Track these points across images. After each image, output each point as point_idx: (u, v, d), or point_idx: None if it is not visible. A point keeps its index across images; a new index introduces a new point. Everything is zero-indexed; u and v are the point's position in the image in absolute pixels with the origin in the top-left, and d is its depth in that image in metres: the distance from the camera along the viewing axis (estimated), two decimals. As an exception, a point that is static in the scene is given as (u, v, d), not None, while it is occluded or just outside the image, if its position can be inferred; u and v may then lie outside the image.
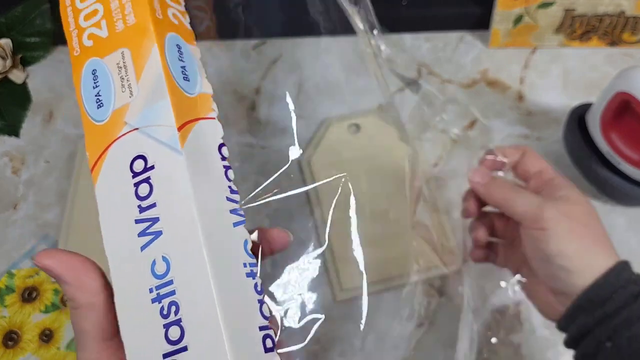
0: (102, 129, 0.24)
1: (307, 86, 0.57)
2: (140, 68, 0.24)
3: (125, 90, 0.24)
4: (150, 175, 0.23)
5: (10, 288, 0.48)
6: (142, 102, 0.24)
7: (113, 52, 0.25)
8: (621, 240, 0.47)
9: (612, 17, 0.55)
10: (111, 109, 0.24)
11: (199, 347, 0.21)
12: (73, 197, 0.50)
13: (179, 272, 0.22)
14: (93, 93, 0.25)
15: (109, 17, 0.25)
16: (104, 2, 0.26)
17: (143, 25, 0.25)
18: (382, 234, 0.48)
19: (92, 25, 0.26)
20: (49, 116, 0.57)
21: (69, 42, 0.27)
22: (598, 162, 0.47)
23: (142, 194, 0.23)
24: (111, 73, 0.25)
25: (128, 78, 0.24)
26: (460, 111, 0.54)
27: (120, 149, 0.24)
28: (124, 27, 0.25)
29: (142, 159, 0.24)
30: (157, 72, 0.24)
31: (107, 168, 0.24)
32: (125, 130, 0.24)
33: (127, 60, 0.25)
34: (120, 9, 0.25)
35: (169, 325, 0.22)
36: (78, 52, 0.26)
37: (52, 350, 0.45)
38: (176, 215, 0.23)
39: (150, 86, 0.24)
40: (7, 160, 0.54)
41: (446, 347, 0.43)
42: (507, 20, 0.56)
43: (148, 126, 0.24)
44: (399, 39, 0.60)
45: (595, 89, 0.55)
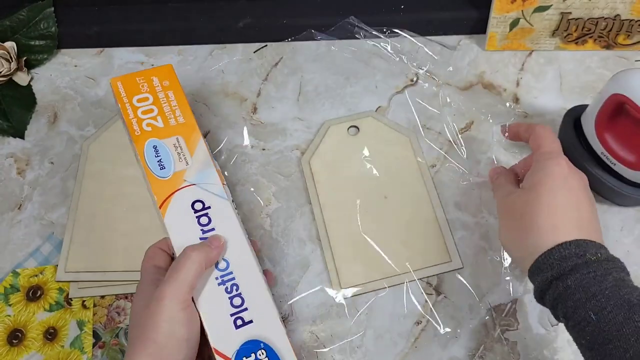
0: (165, 183, 0.41)
1: (307, 89, 0.58)
2: (192, 149, 0.43)
3: (182, 160, 0.42)
4: (208, 212, 0.41)
5: (15, 287, 0.48)
6: (196, 168, 0.42)
7: (170, 137, 0.43)
8: (616, 240, 0.48)
9: (608, 20, 0.55)
10: (172, 171, 0.42)
11: (255, 307, 0.38)
12: (77, 197, 0.51)
13: (236, 266, 0.39)
14: (156, 160, 0.42)
15: (163, 115, 0.44)
16: (157, 106, 0.44)
17: (191, 124, 0.44)
18: (381, 233, 0.48)
19: (150, 118, 0.44)
20: (54, 118, 0.57)
21: (129, 125, 0.43)
22: (593, 163, 0.48)
23: (203, 222, 0.40)
24: (169, 149, 0.42)
25: (183, 154, 0.42)
26: (457, 113, 0.55)
27: (183, 196, 0.41)
28: (176, 123, 0.44)
29: (200, 202, 0.41)
30: (204, 152, 0.43)
31: (173, 206, 0.41)
32: (185, 185, 0.41)
33: (181, 143, 0.43)
34: (171, 112, 0.44)
35: (232, 297, 0.38)
36: (139, 133, 0.43)
37: (56, 348, 0.46)
38: (229, 233, 0.40)
39: (201, 160, 0.42)
40: (12, 161, 0.55)
41: (443, 344, 0.44)
42: (503, 23, 0.56)
43: (203, 183, 0.41)
44: (397, 42, 0.61)
45: (591, 91, 0.56)
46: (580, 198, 0.39)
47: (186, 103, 0.45)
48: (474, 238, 0.48)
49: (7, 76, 0.59)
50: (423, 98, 0.56)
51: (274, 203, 0.51)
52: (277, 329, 0.38)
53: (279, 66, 0.60)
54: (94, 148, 0.54)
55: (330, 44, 0.61)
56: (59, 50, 0.62)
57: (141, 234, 0.48)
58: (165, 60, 0.61)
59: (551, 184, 0.39)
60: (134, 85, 0.46)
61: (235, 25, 0.60)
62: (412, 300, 0.46)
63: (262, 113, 0.57)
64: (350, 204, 0.50)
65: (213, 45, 0.62)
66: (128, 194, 0.51)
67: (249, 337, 0.38)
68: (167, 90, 0.45)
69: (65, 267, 0.47)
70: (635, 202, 0.48)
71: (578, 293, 0.34)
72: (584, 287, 0.34)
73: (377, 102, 0.56)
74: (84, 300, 0.47)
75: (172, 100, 0.45)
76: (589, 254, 0.36)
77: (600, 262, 0.35)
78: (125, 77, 0.46)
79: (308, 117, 0.56)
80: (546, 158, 0.41)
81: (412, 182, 0.51)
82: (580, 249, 0.36)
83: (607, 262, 0.35)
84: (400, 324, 0.45)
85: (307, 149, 0.53)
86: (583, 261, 0.35)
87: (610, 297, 0.33)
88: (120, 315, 0.46)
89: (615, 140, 0.46)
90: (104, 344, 0.45)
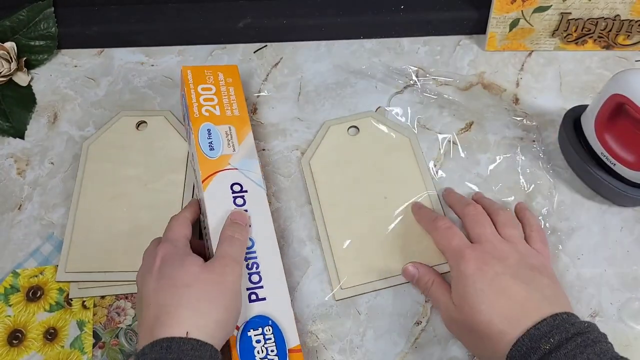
0: (212, 162, 0.46)
1: (307, 89, 0.58)
2: (241, 139, 0.48)
3: (230, 146, 0.47)
4: (244, 195, 0.45)
5: (15, 287, 0.48)
6: (241, 155, 0.47)
7: (223, 125, 0.48)
8: (616, 240, 0.48)
9: (607, 20, 0.55)
10: (220, 153, 0.47)
11: (270, 287, 0.42)
12: (77, 197, 0.50)
13: (260, 247, 0.43)
14: (207, 141, 0.47)
15: (222, 105, 0.50)
16: (218, 97, 0.50)
17: (244, 118, 0.50)
18: (381, 234, 0.48)
19: (209, 106, 0.49)
20: (54, 118, 0.57)
21: (190, 108, 0.49)
22: (593, 163, 0.48)
23: (238, 203, 0.45)
24: (221, 134, 0.48)
25: (232, 141, 0.48)
26: (457, 114, 0.55)
27: (225, 176, 0.46)
28: (232, 114, 0.49)
29: (239, 185, 0.46)
30: (251, 144, 0.48)
31: (214, 185, 0.45)
32: (229, 167, 0.46)
33: (232, 132, 0.48)
34: (229, 104, 0.50)
35: (251, 274, 0.42)
36: (197, 116, 0.48)
37: (57, 348, 0.46)
38: (259, 216, 0.45)
39: (247, 149, 0.48)
40: (12, 161, 0.55)
41: (443, 344, 0.44)
42: (503, 24, 0.56)
43: (245, 170, 0.46)
44: (396, 43, 0.61)
45: (590, 92, 0.56)
46: (502, 283, 0.38)
47: (243, 100, 0.50)
48: (474, 238, 0.48)
49: (7, 76, 0.59)
50: (423, 98, 0.56)
51: (274, 203, 0.51)
52: (287, 311, 0.42)
53: (279, 66, 0.60)
54: (94, 148, 0.54)
55: (330, 44, 0.61)
56: (59, 50, 0.62)
57: (141, 234, 0.48)
58: (165, 60, 0.61)
59: (471, 288, 0.38)
60: (201, 75, 0.51)
61: (235, 25, 0.60)
62: (412, 300, 0.46)
63: (262, 113, 0.57)
64: (350, 204, 0.50)
65: (213, 46, 0.62)
66: (128, 194, 0.51)
67: (260, 312, 0.41)
68: (229, 86, 0.51)
69: (65, 268, 0.47)
70: (635, 202, 0.48)
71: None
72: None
73: (377, 102, 0.56)
74: (84, 301, 0.47)
75: (232, 95, 0.50)
76: (543, 343, 0.34)
77: (563, 346, 0.34)
78: (195, 68, 0.51)
79: (308, 117, 0.56)
80: (454, 260, 0.41)
81: (412, 182, 0.51)
82: (533, 342, 0.35)
83: (572, 340, 0.34)
84: (400, 324, 0.45)
85: (307, 149, 0.53)
86: (548, 350, 0.34)
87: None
88: (121, 316, 0.46)
89: (615, 140, 0.46)
90: (104, 344, 0.45)
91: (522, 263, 0.40)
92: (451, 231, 0.43)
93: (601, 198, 0.49)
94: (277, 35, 0.61)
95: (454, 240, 0.42)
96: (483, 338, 0.37)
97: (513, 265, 0.39)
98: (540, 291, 0.38)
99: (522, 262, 0.40)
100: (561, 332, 0.35)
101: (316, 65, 0.60)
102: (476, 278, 0.38)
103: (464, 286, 0.39)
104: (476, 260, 0.39)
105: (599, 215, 0.49)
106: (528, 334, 0.35)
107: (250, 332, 0.40)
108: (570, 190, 0.50)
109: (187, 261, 0.39)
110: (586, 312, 0.45)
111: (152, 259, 0.40)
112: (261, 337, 0.40)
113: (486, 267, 0.39)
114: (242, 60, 0.60)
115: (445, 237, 0.42)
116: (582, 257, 0.47)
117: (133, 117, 0.56)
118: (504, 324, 0.36)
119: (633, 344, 0.43)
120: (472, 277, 0.39)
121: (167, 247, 0.40)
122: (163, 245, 0.40)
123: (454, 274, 0.40)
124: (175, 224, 0.43)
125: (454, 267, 0.41)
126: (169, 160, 0.52)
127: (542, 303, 0.37)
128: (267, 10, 0.61)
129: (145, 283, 0.39)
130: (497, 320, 0.37)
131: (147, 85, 0.59)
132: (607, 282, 0.46)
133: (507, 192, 0.50)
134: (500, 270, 0.39)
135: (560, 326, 0.35)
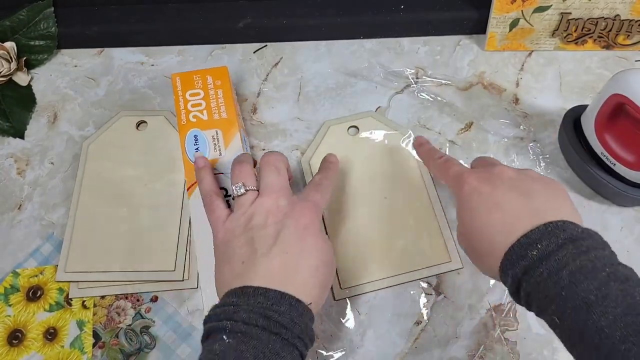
0: None
1: (307, 89, 0.58)
2: (228, 142, 0.48)
3: (216, 150, 0.48)
4: (229, 199, 0.45)
5: (15, 287, 0.48)
6: (227, 159, 0.47)
7: (210, 129, 0.49)
8: (616, 240, 0.48)
9: (607, 20, 0.55)
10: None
11: None
12: (77, 197, 0.50)
13: None
14: (194, 148, 0.48)
15: (209, 109, 0.50)
16: (206, 101, 0.50)
17: (231, 121, 0.50)
18: (381, 234, 0.48)
19: (197, 111, 0.50)
20: (54, 118, 0.57)
21: (178, 115, 0.50)
22: (593, 163, 0.48)
23: None
24: (208, 140, 0.48)
25: (219, 145, 0.48)
26: (457, 114, 0.55)
27: None
28: (219, 118, 0.50)
29: (224, 190, 0.45)
30: (238, 146, 0.48)
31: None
32: (214, 173, 0.45)
33: (219, 136, 0.49)
34: (217, 108, 0.50)
35: None
36: (185, 122, 0.49)
37: (56, 348, 0.46)
38: None
39: (234, 153, 0.47)
40: (12, 161, 0.55)
41: (443, 344, 0.44)
42: (503, 24, 0.56)
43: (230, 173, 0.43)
44: (396, 43, 0.61)
45: (590, 92, 0.56)
46: (497, 197, 0.36)
47: (231, 102, 0.51)
48: (473, 238, 0.48)
49: (7, 76, 0.59)
50: (423, 98, 0.57)
51: (274, 203, 0.51)
52: None
53: (279, 66, 0.60)
54: (94, 148, 0.54)
55: (330, 44, 0.61)
56: (59, 50, 0.62)
57: (141, 234, 0.48)
58: (165, 60, 0.61)
59: (467, 207, 0.38)
60: (190, 81, 0.52)
61: (235, 25, 0.60)
62: (412, 300, 0.46)
63: (262, 113, 0.57)
64: (350, 204, 0.50)
65: (213, 45, 0.62)
66: (128, 194, 0.51)
67: None
68: (218, 89, 0.51)
69: (65, 267, 0.47)
70: (635, 202, 0.48)
71: (539, 297, 0.32)
72: (542, 291, 0.32)
73: (377, 102, 0.56)
74: (84, 301, 0.47)
75: (220, 98, 0.50)
76: (530, 249, 0.33)
77: (554, 253, 0.32)
78: (184, 74, 0.52)
79: (308, 117, 0.56)
80: (455, 186, 0.40)
81: (412, 182, 0.51)
82: (522, 249, 0.33)
83: (564, 247, 0.32)
84: (400, 324, 0.45)
85: (307, 149, 0.53)
86: (537, 257, 0.32)
87: (567, 298, 0.31)
88: (120, 316, 0.46)
89: (615, 140, 0.46)
90: (104, 344, 0.45)
91: (522, 175, 0.38)
92: (450, 162, 0.43)
93: (601, 198, 0.49)
94: (277, 35, 0.61)
95: (452, 168, 0.41)
96: (482, 256, 0.37)
97: (512, 177, 0.38)
98: (539, 202, 0.35)
99: (522, 174, 0.38)
100: (551, 237, 0.32)
101: (316, 65, 0.60)
102: (472, 196, 0.38)
103: (461, 207, 0.39)
104: (474, 179, 0.38)
105: (599, 215, 0.49)
106: (518, 243, 0.33)
107: None
108: (570, 190, 0.50)
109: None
110: (586, 312, 0.45)
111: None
112: None
113: (483, 184, 0.38)
114: (242, 60, 0.60)
115: (445, 167, 0.42)
116: (582, 257, 0.47)
117: (133, 117, 0.56)
118: (497, 237, 0.35)
119: (633, 344, 0.43)
120: (469, 196, 0.38)
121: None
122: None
123: (457, 197, 0.40)
124: (277, 177, 0.41)
125: (456, 193, 0.40)
126: (169, 160, 0.52)
127: (539, 212, 0.34)
128: (267, 10, 0.61)
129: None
130: (492, 233, 0.35)
131: (147, 85, 0.59)
132: (607, 282, 0.46)
133: (507, 192, 0.50)
134: (498, 183, 0.37)
135: (551, 233, 0.33)
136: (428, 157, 0.47)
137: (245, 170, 0.42)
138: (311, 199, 0.41)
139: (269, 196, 0.40)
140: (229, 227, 0.39)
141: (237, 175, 0.42)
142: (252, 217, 0.39)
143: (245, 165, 0.42)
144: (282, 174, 0.42)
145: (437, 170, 0.45)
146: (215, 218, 0.41)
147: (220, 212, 0.41)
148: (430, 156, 0.46)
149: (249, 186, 0.41)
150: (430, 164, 0.46)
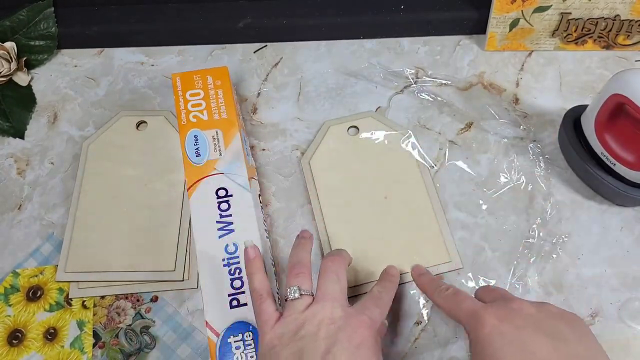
0: (197, 169, 0.47)
1: (307, 89, 0.58)
2: (228, 142, 0.48)
3: (217, 150, 0.47)
4: (229, 199, 0.45)
5: (15, 287, 0.48)
6: (227, 159, 0.47)
7: (210, 129, 0.49)
8: (616, 240, 0.48)
9: (607, 20, 0.55)
10: (206, 159, 0.47)
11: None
12: (77, 197, 0.51)
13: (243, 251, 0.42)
14: (194, 148, 0.48)
15: (209, 110, 0.50)
16: (206, 101, 0.50)
17: (232, 120, 0.49)
18: (381, 234, 0.48)
19: (197, 111, 0.50)
20: (54, 118, 0.57)
21: (178, 115, 0.49)
22: (593, 163, 0.48)
23: (223, 208, 0.45)
24: (208, 139, 0.48)
25: (219, 145, 0.48)
26: (457, 114, 0.55)
27: (210, 182, 0.46)
28: (219, 118, 0.49)
29: (224, 190, 0.46)
30: (238, 146, 0.48)
31: (199, 190, 0.46)
32: (214, 172, 0.46)
33: (219, 136, 0.48)
34: (217, 108, 0.50)
35: (233, 279, 0.43)
36: (185, 122, 0.49)
37: (56, 348, 0.46)
38: (243, 220, 0.45)
39: (233, 153, 0.47)
40: (12, 161, 0.55)
41: (443, 344, 0.44)
42: (503, 24, 0.56)
43: (230, 173, 0.46)
44: (396, 43, 0.61)
45: (590, 92, 0.56)
46: (523, 337, 0.33)
47: (232, 101, 0.50)
48: (474, 238, 0.48)
49: (7, 76, 0.59)
50: (423, 98, 0.57)
51: (274, 203, 0.51)
52: None
53: (279, 66, 0.60)
54: (94, 148, 0.54)
55: (331, 44, 0.61)
56: (59, 50, 0.62)
57: (141, 234, 0.48)
58: (165, 60, 0.61)
59: (490, 349, 0.33)
60: (190, 81, 0.51)
61: (235, 25, 0.60)
62: (412, 300, 0.46)
63: (262, 113, 0.57)
64: (350, 204, 0.50)
65: (213, 46, 0.62)
66: (128, 194, 0.51)
67: (240, 318, 0.42)
68: (218, 89, 0.51)
69: (65, 267, 0.47)
70: (635, 202, 0.48)
71: None
72: None
73: (377, 102, 0.56)
74: (84, 301, 0.47)
75: (220, 98, 0.50)
76: None
77: None
78: (184, 74, 0.52)
79: (308, 117, 0.56)
80: (469, 323, 0.36)
81: (412, 182, 0.51)
82: None
83: None
84: (400, 324, 0.45)
85: (307, 149, 0.53)
86: None
87: None
88: (120, 316, 0.46)
89: (615, 140, 0.46)
90: (104, 344, 0.45)
91: (544, 313, 0.35)
92: (459, 295, 0.39)
93: (601, 198, 0.49)
94: (277, 35, 0.61)
95: (464, 303, 0.37)
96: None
97: (534, 314, 0.35)
98: (572, 346, 0.33)
99: (543, 311, 0.35)
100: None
101: (316, 65, 0.60)
102: (494, 337, 0.34)
103: (482, 348, 0.34)
104: (493, 317, 0.35)
105: (599, 215, 0.49)
106: None
107: (230, 338, 0.41)
108: (570, 190, 0.50)
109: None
110: (586, 312, 0.45)
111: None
112: (241, 343, 0.41)
113: (504, 323, 0.34)
114: (242, 60, 0.60)
115: (455, 302, 0.38)
116: (582, 257, 0.47)
117: (133, 117, 0.56)
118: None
119: (632, 343, 0.43)
120: (489, 336, 0.34)
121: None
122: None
123: (472, 337, 0.35)
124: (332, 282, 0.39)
125: (471, 331, 0.36)
126: (169, 160, 0.52)
127: (571, 357, 0.32)
128: (267, 10, 0.61)
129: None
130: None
131: (147, 85, 0.59)
132: (607, 282, 0.46)
133: (507, 192, 0.50)
134: (520, 323, 0.34)
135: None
136: (431, 289, 0.42)
137: (303, 274, 0.39)
138: (368, 313, 0.38)
139: (324, 306, 0.37)
140: (278, 333, 0.36)
141: (294, 278, 0.39)
142: (304, 325, 0.36)
143: (304, 268, 0.40)
144: (342, 280, 0.39)
145: (445, 303, 0.39)
146: (264, 321, 0.38)
147: (269, 315, 0.38)
148: (434, 288, 0.41)
149: (304, 291, 0.38)
150: (435, 296, 0.41)
